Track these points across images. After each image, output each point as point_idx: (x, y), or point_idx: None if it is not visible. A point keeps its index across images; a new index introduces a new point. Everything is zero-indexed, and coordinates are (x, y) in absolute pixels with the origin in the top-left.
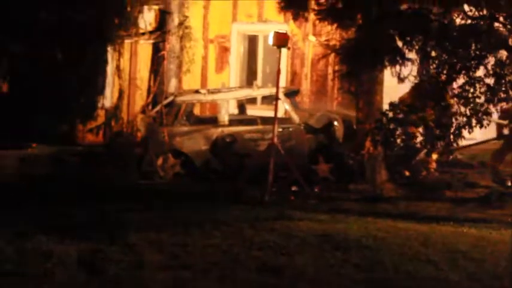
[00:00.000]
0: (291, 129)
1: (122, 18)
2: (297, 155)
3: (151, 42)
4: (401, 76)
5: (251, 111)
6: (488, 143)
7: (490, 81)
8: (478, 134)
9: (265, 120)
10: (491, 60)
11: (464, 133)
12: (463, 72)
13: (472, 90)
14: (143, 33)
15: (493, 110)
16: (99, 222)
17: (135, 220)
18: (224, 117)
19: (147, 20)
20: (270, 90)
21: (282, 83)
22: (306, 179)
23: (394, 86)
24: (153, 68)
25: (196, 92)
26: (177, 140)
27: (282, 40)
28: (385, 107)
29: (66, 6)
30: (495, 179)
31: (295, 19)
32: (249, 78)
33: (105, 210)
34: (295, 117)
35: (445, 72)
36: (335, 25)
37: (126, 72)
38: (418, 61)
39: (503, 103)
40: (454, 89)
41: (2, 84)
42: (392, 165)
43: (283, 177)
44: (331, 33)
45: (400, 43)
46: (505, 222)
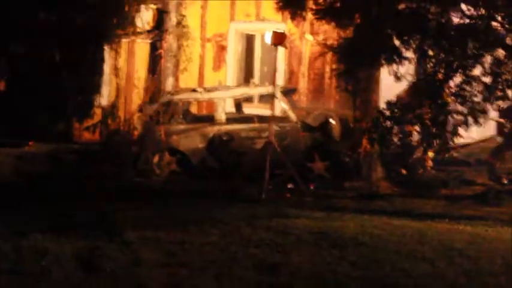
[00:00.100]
0: (287, 127)
1: (120, 17)
2: (293, 152)
3: (148, 41)
4: (399, 75)
5: (248, 110)
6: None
7: (487, 79)
8: (475, 132)
9: (262, 118)
10: (488, 59)
11: (461, 131)
12: (460, 70)
13: (468, 89)
14: (141, 32)
15: (489, 108)
16: (96, 220)
17: (132, 218)
18: (221, 116)
19: (145, 19)
20: (267, 89)
21: (279, 81)
22: (302, 176)
23: (391, 84)
24: (150, 67)
25: (193, 91)
26: (174, 138)
27: (279, 39)
28: (382, 105)
29: (64, 6)
30: (491, 177)
31: (293, 18)
32: (246, 76)
33: (102, 208)
34: (292, 115)
35: (442, 70)
36: (333, 24)
37: (124, 71)
38: (415, 60)
39: (499, 101)
40: (451, 87)
41: (0, 82)
42: (389, 163)
43: (280, 175)
44: (329, 32)
45: (397, 42)
46: (501, 219)
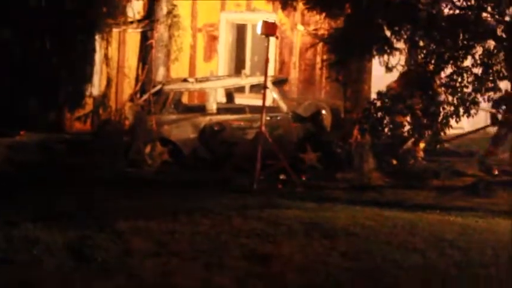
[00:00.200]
0: (279, 117)
1: (110, 6)
2: (284, 143)
3: (139, 30)
4: (390, 65)
5: (239, 100)
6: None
7: (478, 70)
8: (466, 123)
9: (253, 108)
10: (479, 50)
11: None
12: (451, 61)
13: (459, 80)
14: (131, 22)
15: (480, 99)
16: (88, 209)
17: (123, 208)
18: (212, 106)
19: (135, 9)
20: (258, 79)
21: (270, 72)
22: (293, 167)
23: (382, 75)
24: (141, 57)
25: (185, 81)
26: (165, 128)
27: (270, 29)
28: (373, 96)
29: None
30: (482, 168)
31: (284, 8)
32: (238, 67)
33: (93, 198)
34: (283, 106)
35: (433, 61)
36: (323, 14)
37: (114, 60)
38: (406, 51)
39: (490, 92)
40: (441, 78)
41: None
42: (380, 154)
43: (271, 166)
44: (320, 22)
45: (388, 32)
46: (491, 211)
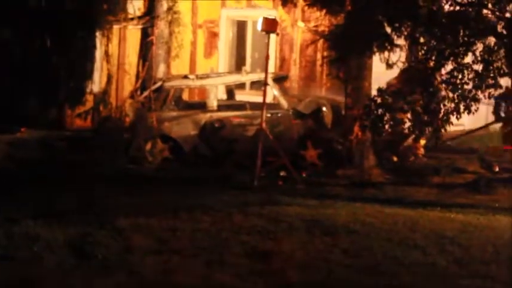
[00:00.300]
0: (279, 114)
1: (111, 3)
2: (285, 140)
3: (139, 27)
4: (390, 62)
5: (240, 97)
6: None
7: (478, 67)
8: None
9: (254, 105)
10: (479, 46)
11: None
12: (452, 58)
13: (460, 77)
14: (132, 19)
15: (481, 96)
16: (88, 206)
17: (124, 205)
18: (213, 103)
19: (136, 5)
20: (259, 76)
21: (271, 68)
22: (294, 164)
23: (383, 72)
24: (141, 53)
25: (185, 77)
26: (166, 125)
27: (270, 26)
28: (374, 93)
29: None
30: (483, 165)
31: (284, 5)
32: (238, 63)
33: (94, 194)
34: (284, 102)
35: (433, 58)
36: (324, 11)
37: (115, 57)
38: (407, 47)
39: (491, 89)
40: (442, 75)
41: None
42: (381, 151)
43: (272, 163)
44: (320, 19)
45: (388, 29)
46: (492, 208)
